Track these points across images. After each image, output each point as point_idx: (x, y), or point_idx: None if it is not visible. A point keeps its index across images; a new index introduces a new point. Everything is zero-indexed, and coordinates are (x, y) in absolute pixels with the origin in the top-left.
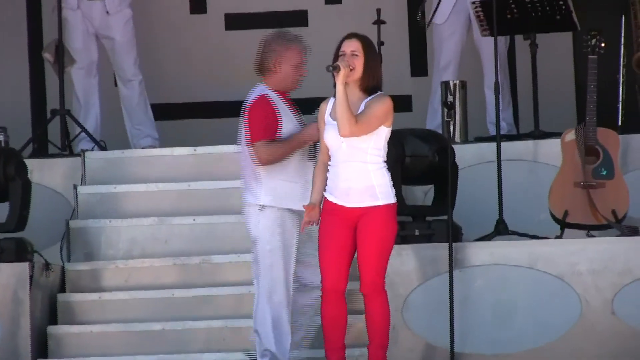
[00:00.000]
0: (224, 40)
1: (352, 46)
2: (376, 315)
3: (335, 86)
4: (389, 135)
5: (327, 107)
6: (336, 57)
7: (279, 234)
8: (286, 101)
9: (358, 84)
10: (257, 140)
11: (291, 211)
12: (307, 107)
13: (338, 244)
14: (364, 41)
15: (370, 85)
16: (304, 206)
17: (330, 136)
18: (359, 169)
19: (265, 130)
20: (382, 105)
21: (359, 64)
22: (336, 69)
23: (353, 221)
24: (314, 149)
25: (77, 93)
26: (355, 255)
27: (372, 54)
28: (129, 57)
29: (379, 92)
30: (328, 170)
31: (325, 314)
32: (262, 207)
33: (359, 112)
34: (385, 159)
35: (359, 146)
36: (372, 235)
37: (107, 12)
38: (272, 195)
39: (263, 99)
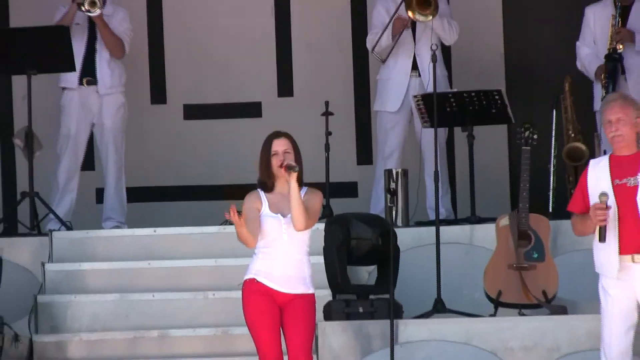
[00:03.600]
0: (182, 128)
1: (283, 145)
2: None
3: (261, 182)
4: None
5: (262, 200)
6: (267, 156)
7: None
8: None
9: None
10: None
11: None
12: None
13: (273, 324)
14: (290, 138)
15: (300, 177)
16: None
17: (272, 227)
18: (296, 260)
19: None
20: (319, 200)
21: (292, 159)
22: (294, 169)
23: (282, 303)
24: None
25: (59, 175)
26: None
27: (297, 149)
28: (111, 146)
29: (307, 187)
30: (252, 258)
31: None
32: None
33: None
34: None
35: (299, 238)
36: (304, 317)
37: (98, 93)
38: None
39: None
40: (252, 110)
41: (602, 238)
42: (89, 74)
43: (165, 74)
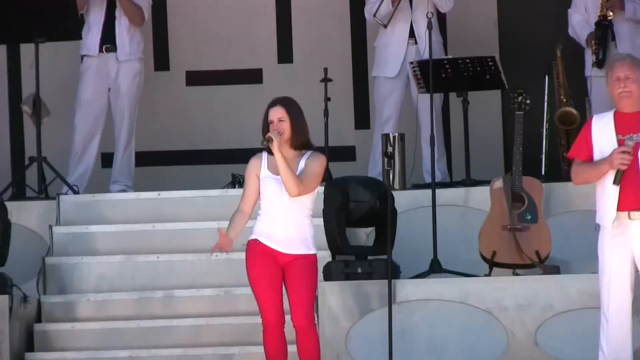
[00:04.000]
0: (185, 94)
1: (277, 113)
2: (311, 346)
3: (267, 150)
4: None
5: (262, 162)
6: (265, 124)
7: None
8: None
9: (288, 143)
10: None
11: None
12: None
13: (274, 284)
14: (287, 106)
15: (299, 143)
16: (219, 229)
17: (271, 189)
18: (297, 221)
19: None
20: (321, 164)
21: (286, 127)
22: (270, 141)
23: (284, 264)
24: None
25: (77, 139)
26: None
27: (296, 115)
28: (126, 112)
29: (312, 150)
30: (252, 217)
31: (269, 347)
32: None
33: (299, 170)
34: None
35: (299, 200)
36: (306, 278)
37: (117, 59)
38: None
39: None
40: (253, 76)
41: (617, 181)
42: (108, 41)
43: (168, 42)
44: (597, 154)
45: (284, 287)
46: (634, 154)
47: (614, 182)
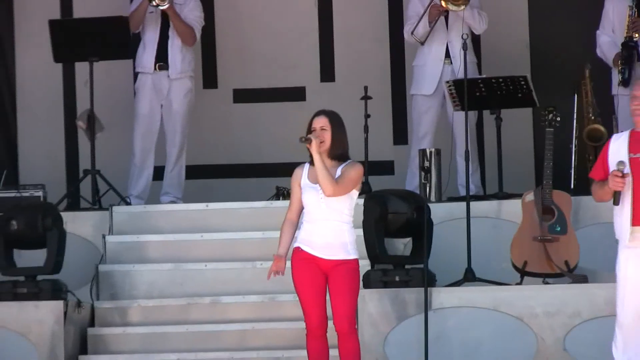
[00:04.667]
0: (232, 111)
1: (320, 122)
2: (352, 350)
3: (310, 155)
4: (356, 197)
5: (303, 172)
6: (309, 131)
7: None
8: None
9: (328, 153)
10: None
11: None
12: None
13: (317, 290)
14: (331, 117)
15: (338, 153)
16: (274, 255)
17: (310, 197)
18: (335, 227)
19: None
20: (356, 171)
21: (327, 136)
22: (308, 140)
23: (326, 270)
24: None
25: (136, 153)
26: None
27: (338, 127)
28: (178, 127)
29: (350, 160)
30: (299, 227)
31: (312, 350)
32: None
33: (336, 177)
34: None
35: (336, 207)
36: (347, 285)
37: (169, 77)
38: None
39: None
40: (296, 94)
41: (616, 202)
42: (161, 60)
43: (216, 61)
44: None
45: (327, 292)
46: (628, 175)
47: (614, 203)
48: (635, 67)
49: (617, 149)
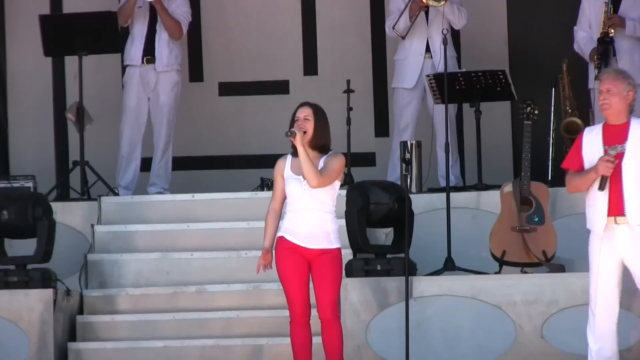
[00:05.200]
0: (217, 104)
1: (304, 112)
2: (335, 337)
3: (292, 147)
4: (338, 187)
5: (286, 163)
6: (292, 122)
7: None
8: None
9: (310, 143)
10: None
11: None
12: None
13: (301, 278)
14: (314, 108)
15: (320, 144)
16: (262, 250)
17: (294, 187)
18: (318, 217)
19: None
20: (339, 161)
21: (310, 127)
22: (292, 134)
23: (309, 259)
24: None
25: (123, 144)
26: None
27: (321, 118)
28: (164, 119)
29: (332, 151)
30: (282, 217)
31: (296, 340)
32: None
33: (319, 168)
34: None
35: (319, 197)
36: (330, 272)
37: (156, 70)
38: None
39: None
40: (280, 87)
41: (602, 186)
42: (149, 53)
43: (202, 55)
44: (587, 164)
45: (311, 281)
46: (617, 164)
47: (599, 188)
48: (612, 63)
49: (591, 141)
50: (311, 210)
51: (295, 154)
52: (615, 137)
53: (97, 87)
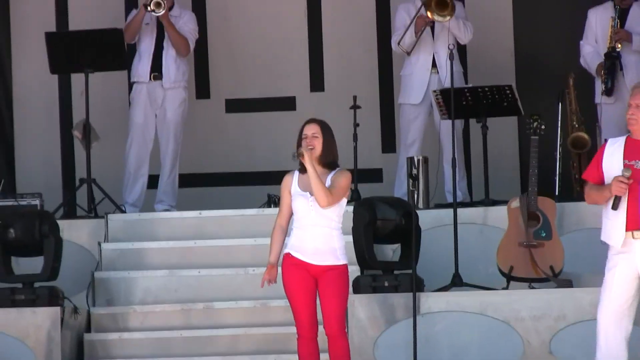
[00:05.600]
0: (224, 121)
1: (312, 129)
2: (342, 352)
3: (300, 164)
4: (345, 204)
5: (293, 179)
6: (300, 139)
7: None
8: None
9: (318, 160)
10: None
11: None
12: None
13: (308, 294)
14: (322, 125)
15: (328, 160)
16: (268, 265)
17: (301, 204)
18: (325, 233)
19: None
20: (346, 178)
21: (318, 143)
22: (300, 155)
23: (316, 275)
24: None
25: (130, 162)
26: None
27: (329, 135)
28: (171, 136)
29: (339, 168)
30: (288, 234)
31: (304, 356)
32: None
33: (326, 185)
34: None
35: (325, 214)
36: (337, 289)
37: (163, 87)
38: None
39: None
40: (287, 104)
41: (615, 206)
42: (156, 70)
43: (209, 72)
44: (607, 177)
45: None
46: (638, 179)
47: (613, 207)
48: (618, 77)
49: (612, 153)
50: (318, 226)
51: (302, 170)
52: (636, 151)
53: (104, 103)
